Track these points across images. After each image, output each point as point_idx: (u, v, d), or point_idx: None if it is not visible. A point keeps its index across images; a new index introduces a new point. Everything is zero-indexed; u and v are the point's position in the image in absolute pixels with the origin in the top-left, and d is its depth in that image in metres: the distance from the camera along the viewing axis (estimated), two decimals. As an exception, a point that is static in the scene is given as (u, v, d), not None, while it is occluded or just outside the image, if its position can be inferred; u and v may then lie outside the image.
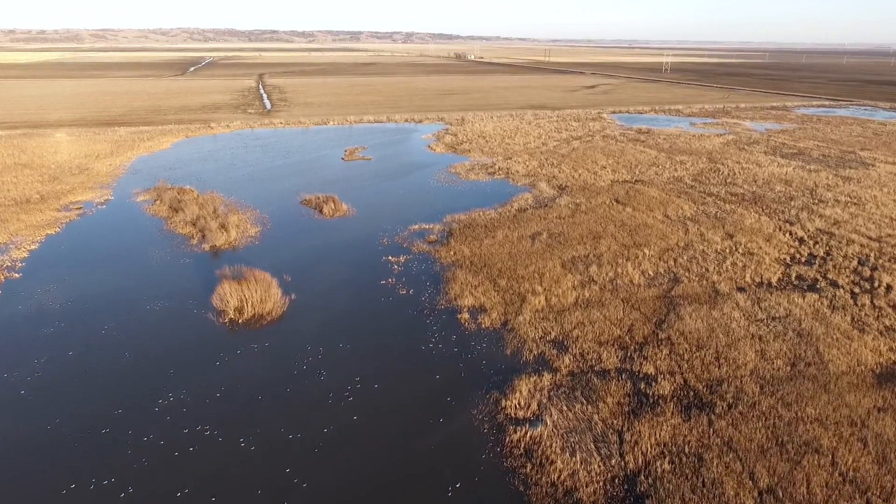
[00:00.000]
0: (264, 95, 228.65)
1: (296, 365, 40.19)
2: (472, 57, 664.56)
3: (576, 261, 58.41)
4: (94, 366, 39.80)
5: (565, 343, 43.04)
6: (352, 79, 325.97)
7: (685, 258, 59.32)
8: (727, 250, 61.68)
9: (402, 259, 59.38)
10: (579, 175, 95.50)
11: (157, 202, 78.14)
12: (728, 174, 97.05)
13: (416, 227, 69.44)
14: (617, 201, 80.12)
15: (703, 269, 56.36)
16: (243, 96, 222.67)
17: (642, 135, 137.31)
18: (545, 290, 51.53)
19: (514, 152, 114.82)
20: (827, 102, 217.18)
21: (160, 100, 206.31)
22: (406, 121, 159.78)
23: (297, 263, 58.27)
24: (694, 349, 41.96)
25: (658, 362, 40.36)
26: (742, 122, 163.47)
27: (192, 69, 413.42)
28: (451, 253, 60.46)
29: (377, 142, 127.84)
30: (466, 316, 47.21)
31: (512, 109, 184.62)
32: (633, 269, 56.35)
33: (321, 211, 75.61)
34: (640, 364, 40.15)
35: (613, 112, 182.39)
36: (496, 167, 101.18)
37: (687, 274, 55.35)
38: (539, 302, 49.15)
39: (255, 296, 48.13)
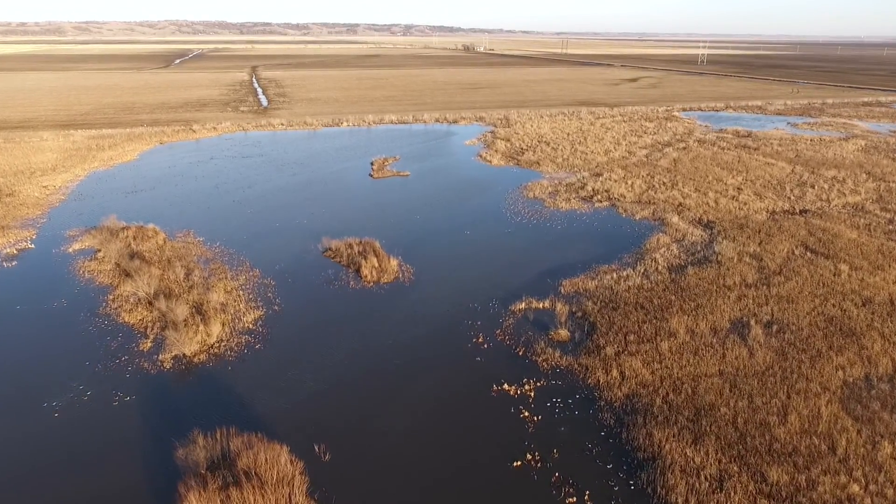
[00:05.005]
0: (259, 90, 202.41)
1: None
2: (482, 49, 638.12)
3: (858, 393, 32.23)
4: None
5: None
6: (357, 71, 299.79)
7: None
8: None
9: (529, 391, 33.15)
10: (715, 201, 69.34)
11: (100, 255, 51.87)
12: (921, 199, 70.95)
13: (522, 304, 43.30)
14: (809, 249, 53.95)
15: None
16: (234, 91, 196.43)
17: (744, 139, 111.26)
18: (869, 493, 25.34)
19: (599, 164, 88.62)
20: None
21: (135, 95, 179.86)
22: (437, 121, 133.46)
23: (335, 407, 32.01)
24: None
25: None
26: (850, 121, 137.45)
27: (177, 61, 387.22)
28: (616, 374, 34.22)
29: (410, 150, 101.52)
30: None
31: (559, 106, 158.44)
32: None
33: (358, 271, 49.39)
34: None
35: (683, 110, 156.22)
36: (588, 188, 74.97)
37: None
38: (890, 540, 22.92)
39: (260, 539, 21.92)
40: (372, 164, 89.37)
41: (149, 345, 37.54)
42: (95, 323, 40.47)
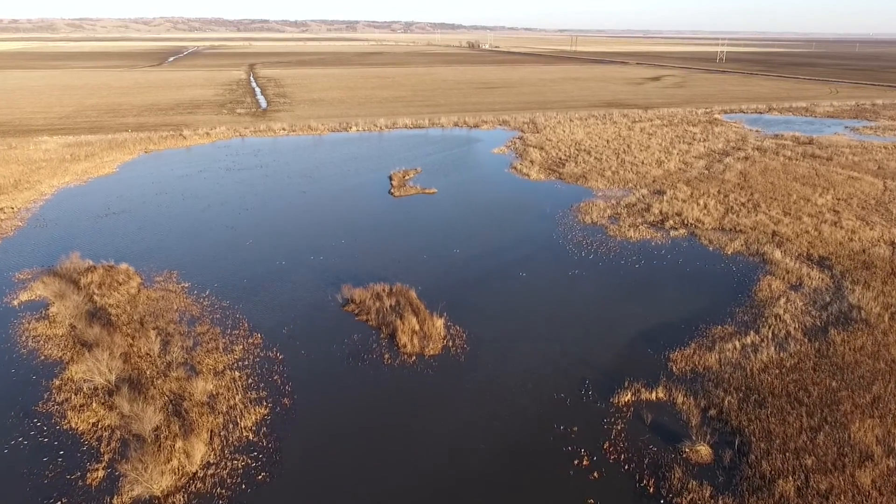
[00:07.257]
0: (257, 90, 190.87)
1: None
2: (487, 46, 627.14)
3: None
4: None
5: None
6: (361, 70, 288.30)
7: None
8: None
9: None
10: (815, 229, 57.73)
11: (53, 312, 40.27)
12: None
13: (628, 395, 31.71)
14: (973, 302, 42.32)
15: None
16: (231, 91, 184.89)
17: (807, 146, 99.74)
18: None
19: (656, 179, 77.05)
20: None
21: (122, 95, 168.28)
22: (456, 125, 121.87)
23: None
24: None
25: None
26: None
27: (171, 59, 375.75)
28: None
29: (431, 160, 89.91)
30: None
31: (586, 108, 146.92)
32: None
33: (393, 335, 37.79)
34: None
35: (724, 112, 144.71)
36: (655, 210, 63.37)
37: None
38: None
39: None
40: (391, 178, 77.71)
41: (101, 474, 25.94)
42: (28, 430, 28.88)
